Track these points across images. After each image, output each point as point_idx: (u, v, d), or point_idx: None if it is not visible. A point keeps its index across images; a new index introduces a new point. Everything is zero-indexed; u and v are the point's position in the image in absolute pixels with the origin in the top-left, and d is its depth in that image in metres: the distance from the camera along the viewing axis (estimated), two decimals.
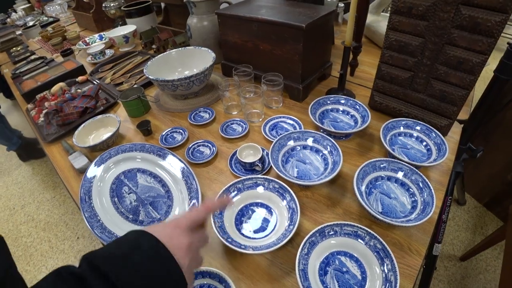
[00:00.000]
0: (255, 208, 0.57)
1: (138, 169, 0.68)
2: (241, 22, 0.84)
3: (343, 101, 0.76)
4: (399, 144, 0.66)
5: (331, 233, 0.49)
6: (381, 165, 0.59)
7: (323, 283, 0.45)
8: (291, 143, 0.66)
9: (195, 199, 0.59)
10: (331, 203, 0.58)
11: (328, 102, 0.76)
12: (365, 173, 0.58)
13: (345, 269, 0.47)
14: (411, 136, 0.67)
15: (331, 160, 0.62)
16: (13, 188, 1.87)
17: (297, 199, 0.53)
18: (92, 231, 0.55)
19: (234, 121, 0.81)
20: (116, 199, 0.62)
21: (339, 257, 0.48)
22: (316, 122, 0.70)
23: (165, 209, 0.61)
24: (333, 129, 0.70)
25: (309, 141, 0.66)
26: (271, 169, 0.66)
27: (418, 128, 0.67)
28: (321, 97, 0.77)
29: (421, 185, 0.55)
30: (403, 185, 0.57)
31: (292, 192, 0.55)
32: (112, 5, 1.52)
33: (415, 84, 0.67)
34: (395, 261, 0.44)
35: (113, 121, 0.85)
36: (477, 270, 1.15)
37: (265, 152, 0.69)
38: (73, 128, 0.86)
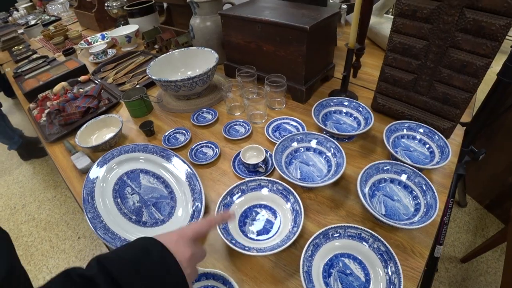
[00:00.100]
0: (258, 209, 0.57)
1: (141, 170, 0.67)
2: (245, 23, 0.84)
3: (346, 103, 0.76)
4: (402, 146, 0.67)
5: (335, 235, 0.49)
6: (385, 168, 0.59)
7: (327, 285, 0.45)
8: (295, 145, 0.66)
9: (198, 201, 0.59)
10: (334, 205, 0.59)
11: (331, 104, 0.76)
12: (369, 175, 0.58)
13: (348, 271, 0.47)
14: (414, 138, 0.67)
15: (334, 162, 0.62)
16: (14, 187, 1.87)
17: (301, 201, 0.53)
18: (95, 232, 0.55)
19: (237, 122, 0.81)
20: (119, 200, 0.62)
21: (343, 259, 0.48)
22: (319, 123, 0.70)
23: (168, 210, 0.61)
24: (336, 131, 0.70)
25: (313, 143, 0.66)
26: (274, 170, 0.66)
27: (421, 130, 0.67)
28: (324, 98, 0.77)
29: (424, 187, 0.55)
30: (406, 187, 0.57)
31: (296, 194, 0.55)
32: (114, 5, 1.52)
33: (418, 86, 0.67)
34: (398, 263, 0.44)
35: (115, 121, 0.85)
36: (478, 272, 1.15)
37: (268, 153, 0.69)
38: (75, 128, 0.86)
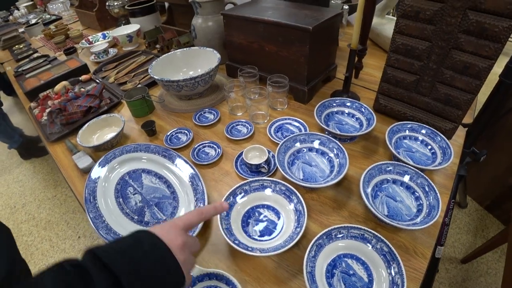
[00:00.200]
0: (261, 210, 0.57)
1: (143, 170, 0.67)
2: (247, 23, 0.84)
3: (348, 104, 0.76)
4: (404, 147, 0.67)
5: (338, 236, 0.49)
6: (387, 168, 0.59)
7: (330, 285, 0.45)
8: (298, 145, 0.66)
9: (201, 201, 0.59)
10: (336, 206, 0.59)
11: (333, 104, 0.76)
12: (371, 176, 0.58)
13: (351, 272, 0.47)
14: (416, 139, 0.67)
15: (336, 162, 0.62)
16: (14, 186, 1.86)
17: (304, 202, 0.53)
18: (97, 231, 0.55)
19: (239, 122, 0.81)
20: (121, 200, 0.62)
21: (346, 259, 0.48)
22: (321, 124, 0.70)
23: (171, 210, 0.61)
24: (338, 132, 0.70)
25: (315, 144, 0.66)
26: (276, 171, 0.66)
27: (423, 131, 0.67)
28: (326, 99, 0.77)
29: (426, 188, 0.55)
30: (409, 188, 0.57)
31: (299, 194, 0.55)
32: (115, 4, 1.52)
33: (421, 87, 0.67)
34: (401, 264, 0.44)
35: (117, 121, 0.85)
36: (478, 272, 1.16)
37: (271, 154, 0.69)
38: (76, 127, 0.86)
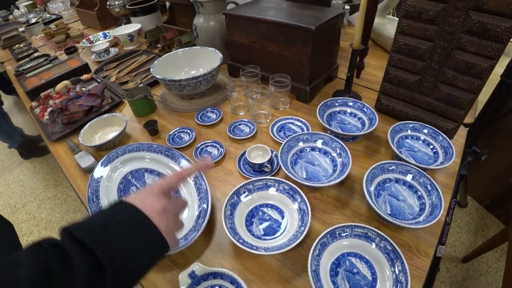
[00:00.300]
0: (265, 209, 0.57)
1: (145, 169, 0.68)
2: (250, 23, 0.84)
3: (350, 104, 0.76)
4: (406, 146, 0.67)
5: (342, 235, 0.49)
6: (390, 168, 0.59)
7: (334, 284, 0.45)
8: (301, 145, 0.66)
9: (204, 200, 0.59)
10: (339, 205, 0.59)
11: (336, 104, 0.77)
12: (374, 175, 0.58)
13: (355, 270, 0.47)
14: (418, 139, 0.68)
15: (339, 162, 0.62)
16: (14, 186, 1.86)
17: (307, 201, 0.54)
18: None
19: (241, 121, 0.81)
20: None
21: (350, 258, 0.48)
22: (324, 123, 0.70)
23: None
24: (340, 131, 0.71)
25: (318, 143, 0.66)
26: (279, 170, 0.66)
27: (425, 131, 0.67)
28: (329, 99, 0.77)
29: (429, 187, 0.55)
30: (411, 187, 0.58)
31: (302, 193, 0.55)
32: (116, 3, 1.52)
33: (423, 87, 0.68)
34: (405, 262, 0.45)
35: (119, 120, 0.85)
36: (478, 272, 1.16)
37: (274, 153, 0.69)
38: (78, 126, 0.86)
